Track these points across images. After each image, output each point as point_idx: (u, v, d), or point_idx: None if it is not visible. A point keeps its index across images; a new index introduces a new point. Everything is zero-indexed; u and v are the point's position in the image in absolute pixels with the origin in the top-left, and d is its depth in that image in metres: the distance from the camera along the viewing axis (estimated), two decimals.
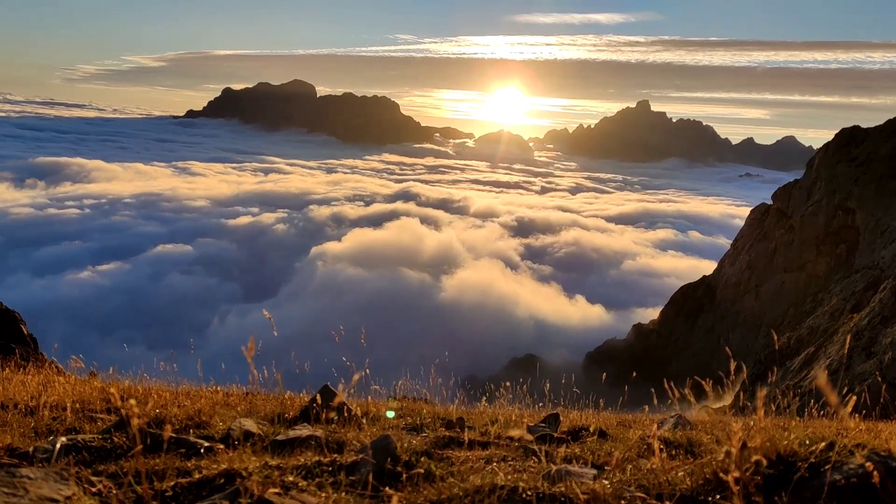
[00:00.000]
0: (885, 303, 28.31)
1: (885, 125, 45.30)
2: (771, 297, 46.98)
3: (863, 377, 22.96)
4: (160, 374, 7.45)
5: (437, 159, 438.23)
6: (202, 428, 4.61)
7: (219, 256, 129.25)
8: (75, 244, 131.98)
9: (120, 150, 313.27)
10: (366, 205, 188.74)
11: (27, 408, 5.23)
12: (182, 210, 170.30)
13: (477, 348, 75.77)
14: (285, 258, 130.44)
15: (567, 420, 5.73)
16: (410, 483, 3.27)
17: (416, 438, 4.49)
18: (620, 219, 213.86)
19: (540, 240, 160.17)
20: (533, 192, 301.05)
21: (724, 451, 2.87)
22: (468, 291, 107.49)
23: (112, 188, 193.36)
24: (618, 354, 59.34)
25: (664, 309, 60.91)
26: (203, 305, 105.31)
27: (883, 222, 38.92)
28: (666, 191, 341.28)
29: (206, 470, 3.28)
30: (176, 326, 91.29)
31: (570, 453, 4.10)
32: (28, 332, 13.76)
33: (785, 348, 35.14)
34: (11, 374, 7.78)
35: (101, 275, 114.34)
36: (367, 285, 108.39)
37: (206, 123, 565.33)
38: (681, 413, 5.49)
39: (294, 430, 4.28)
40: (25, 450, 3.73)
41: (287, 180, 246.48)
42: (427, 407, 6.69)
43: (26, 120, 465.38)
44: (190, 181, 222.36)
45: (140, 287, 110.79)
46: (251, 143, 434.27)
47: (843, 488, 2.68)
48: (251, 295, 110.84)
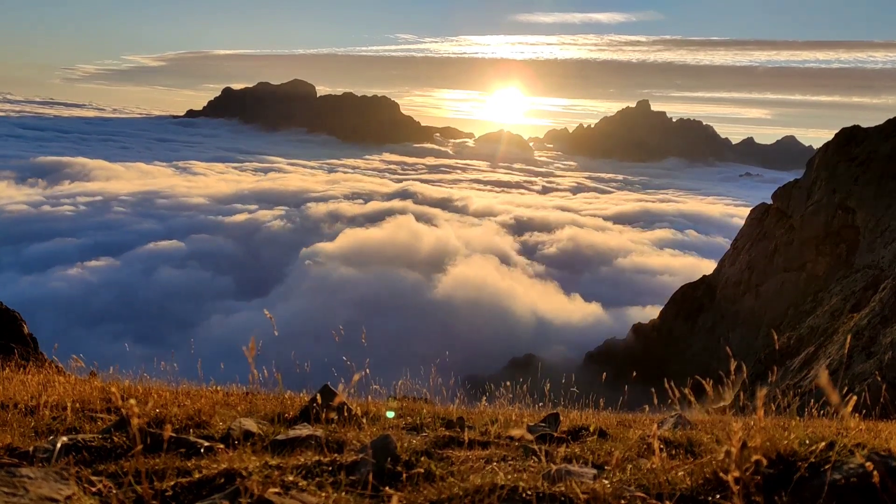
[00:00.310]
0: (885, 302, 28.31)
1: (884, 125, 45.31)
2: (771, 297, 46.97)
3: (862, 377, 22.97)
4: (160, 374, 7.45)
5: (438, 159, 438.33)
6: (202, 427, 4.61)
7: (212, 252, 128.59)
8: (68, 241, 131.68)
9: (121, 150, 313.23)
10: (364, 202, 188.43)
11: (27, 407, 5.23)
12: (179, 207, 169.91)
13: (474, 346, 75.66)
14: (281, 254, 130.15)
15: (567, 420, 5.73)
16: (410, 483, 3.27)
17: (416, 438, 4.49)
18: (619, 218, 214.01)
19: (537, 238, 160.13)
20: (533, 192, 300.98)
21: (724, 450, 2.87)
22: (463, 288, 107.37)
23: (111, 186, 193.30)
24: (617, 354, 59.33)
25: (664, 308, 60.90)
26: (193, 300, 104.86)
27: (883, 222, 38.91)
28: (666, 190, 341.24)
29: (206, 469, 3.28)
30: (164, 321, 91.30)
31: (570, 453, 4.10)
32: (28, 332, 13.76)
33: (785, 348, 35.14)
34: (11, 373, 7.78)
35: (91, 271, 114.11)
36: (360, 282, 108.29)
37: (206, 123, 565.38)
38: (681, 413, 5.49)
39: (294, 430, 4.28)
40: (25, 449, 3.73)
41: (286, 179, 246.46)
42: (427, 406, 6.69)
43: (27, 120, 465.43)
44: (190, 180, 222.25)
45: (130, 282, 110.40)
46: (251, 143, 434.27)
47: (843, 488, 2.67)
48: (243, 291, 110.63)
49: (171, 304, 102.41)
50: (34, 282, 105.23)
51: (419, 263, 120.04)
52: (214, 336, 78.31)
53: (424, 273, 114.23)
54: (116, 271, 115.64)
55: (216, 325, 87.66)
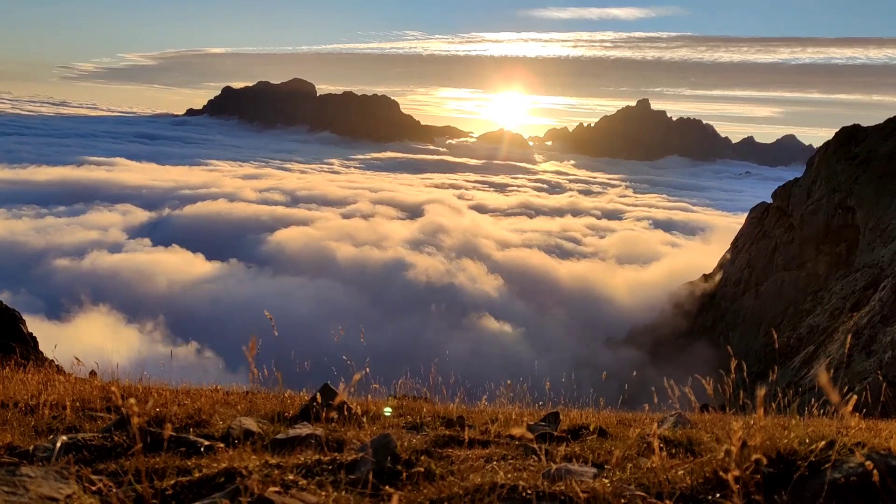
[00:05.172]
0: (884, 301, 28.33)
1: (884, 123, 45.31)
2: (771, 296, 46.99)
3: (863, 376, 22.99)
4: (160, 373, 7.47)
5: (438, 157, 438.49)
6: (202, 426, 4.61)
7: (182, 235, 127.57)
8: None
9: (121, 149, 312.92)
10: (354, 201, 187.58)
11: (27, 406, 5.23)
12: (160, 197, 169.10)
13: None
14: (252, 237, 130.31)
15: (567, 419, 5.73)
16: (410, 482, 3.28)
17: (417, 437, 4.50)
18: (618, 215, 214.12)
19: (535, 236, 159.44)
20: (532, 191, 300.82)
21: (724, 449, 2.88)
22: (440, 280, 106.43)
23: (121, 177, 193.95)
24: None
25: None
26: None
27: (883, 221, 38.90)
28: (666, 189, 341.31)
29: (206, 468, 3.28)
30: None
31: (570, 452, 4.10)
32: (28, 331, 13.77)
33: (785, 347, 35.19)
34: (11, 372, 7.78)
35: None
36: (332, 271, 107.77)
37: (206, 122, 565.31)
38: (681, 412, 5.49)
39: (294, 429, 4.28)
40: (26, 448, 3.73)
41: (282, 176, 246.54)
42: (427, 405, 6.70)
43: (27, 119, 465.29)
44: (190, 179, 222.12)
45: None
46: (251, 142, 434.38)
47: (842, 487, 2.68)
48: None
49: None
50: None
51: (395, 258, 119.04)
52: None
53: (395, 268, 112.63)
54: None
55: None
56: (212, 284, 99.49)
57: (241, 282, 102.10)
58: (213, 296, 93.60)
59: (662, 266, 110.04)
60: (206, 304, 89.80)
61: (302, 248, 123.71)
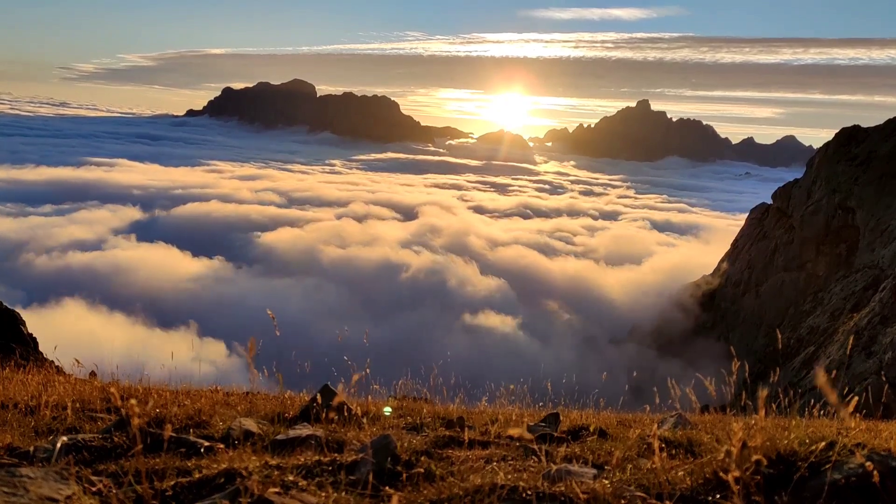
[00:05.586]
0: (884, 302, 28.32)
1: (884, 124, 45.29)
2: (771, 297, 46.99)
3: (863, 377, 22.98)
4: (160, 374, 7.47)
5: (438, 158, 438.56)
6: (202, 427, 4.61)
7: (171, 233, 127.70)
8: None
9: (124, 150, 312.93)
10: (350, 201, 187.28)
11: (27, 407, 5.24)
12: (153, 197, 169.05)
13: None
14: (240, 236, 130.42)
15: (567, 419, 5.73)
16: (410, 482, 3.28)
17: (417, 438, 4.50)
18: (615, 216, 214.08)
19: (527, 235, 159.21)
20: (531, 191, 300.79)
21: (724, 450, 2.88)
22: (433, 279, 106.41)
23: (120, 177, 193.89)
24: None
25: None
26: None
27: (883, 222, 38.89)
28: (665, 190, 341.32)
29: (206, 469, 3.28)
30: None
31: (570, 453, 4.10)
32: (28, 332, 13.77)
33: (785, 348, 35.19)
34: (11, 373, 7.79)
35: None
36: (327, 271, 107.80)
37: (206, 123, 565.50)
38: (681, 412, 5.49)
39: (294, 430, 4.28)
40: (26, 449, 3.73)
41: (281, 177, 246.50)
42: (427, 406, 6.70)
43: (27, 119, 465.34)
44: (189, 179, 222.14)
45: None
46: (251, 143, 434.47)
47: (843, 488, 2.68)
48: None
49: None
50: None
51: (387, 261, 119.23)
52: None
53: (391, 269, 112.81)
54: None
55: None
56: (194, 283, 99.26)
57: (224, 281, 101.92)
58: (194, 293, 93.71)
59: (654, 264, 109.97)
60: (188, 300, 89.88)
61: (291, 248, 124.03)
